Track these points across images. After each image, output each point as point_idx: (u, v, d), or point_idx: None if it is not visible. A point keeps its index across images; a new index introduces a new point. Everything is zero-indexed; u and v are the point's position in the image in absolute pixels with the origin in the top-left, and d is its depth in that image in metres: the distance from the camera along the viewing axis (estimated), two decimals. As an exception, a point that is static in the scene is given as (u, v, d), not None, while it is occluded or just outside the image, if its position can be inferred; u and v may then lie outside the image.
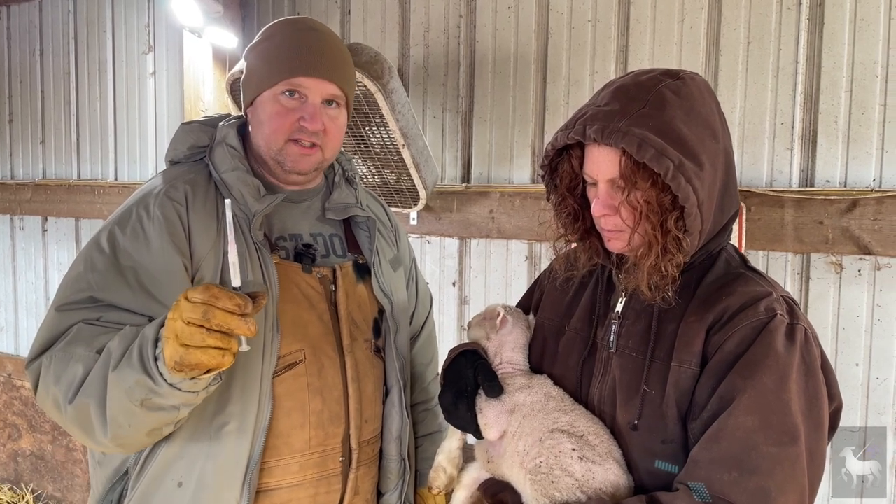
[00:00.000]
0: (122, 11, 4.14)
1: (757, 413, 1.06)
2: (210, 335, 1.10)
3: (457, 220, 3.12)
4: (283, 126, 1.48)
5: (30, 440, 4.67)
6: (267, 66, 1.49)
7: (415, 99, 3.21)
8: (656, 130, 1.10)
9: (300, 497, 1.48)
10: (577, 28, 2.84)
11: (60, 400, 1.27)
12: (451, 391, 1.37)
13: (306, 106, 1.48)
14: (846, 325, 2.39)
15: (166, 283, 1.36)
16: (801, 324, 1.15)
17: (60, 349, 1.30)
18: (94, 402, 1.23)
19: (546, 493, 1.16)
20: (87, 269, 1.37)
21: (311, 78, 1.47)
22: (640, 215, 1.16)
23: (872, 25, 2.32)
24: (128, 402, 1.20)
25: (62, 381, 1.27)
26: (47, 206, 4.48)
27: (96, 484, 1.51)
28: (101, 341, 1.28)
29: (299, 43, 1.49)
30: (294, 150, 1.50)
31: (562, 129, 1.21)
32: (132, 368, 1.18)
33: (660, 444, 1.17)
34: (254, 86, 1.52)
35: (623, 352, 1.25)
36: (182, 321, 1.10)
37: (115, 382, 1.20)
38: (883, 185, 2.32)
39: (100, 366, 1.24)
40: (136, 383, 1.18)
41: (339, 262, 1.60)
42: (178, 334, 1.10)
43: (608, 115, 1.14)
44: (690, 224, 1.12)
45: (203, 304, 1.09)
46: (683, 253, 1.14)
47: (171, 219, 1.41)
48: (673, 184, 1.09)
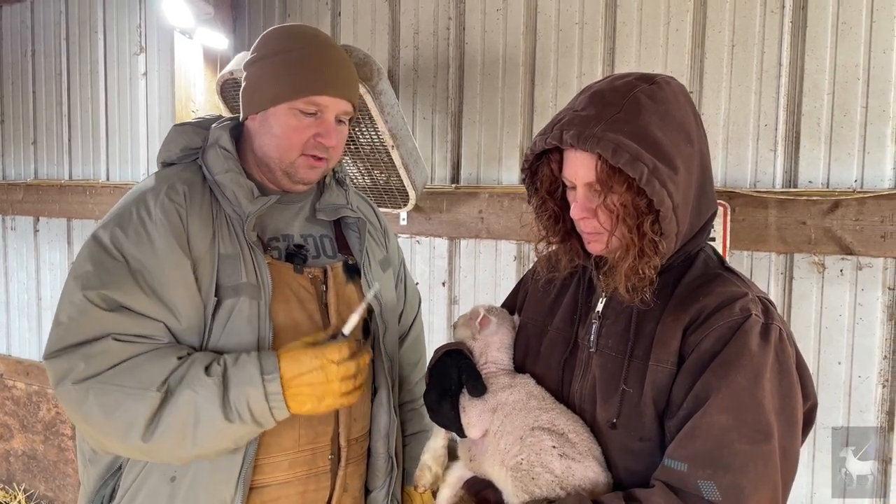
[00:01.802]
0: (113, 12, 4.15)
1: (731, 411, 1.09)
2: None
3: (446, 220, 3.15)
4: (300, 141, 1.51)
5: (22, 440, 4.68)
6: (287, 80, 1.49)
7: (405, 100, 3.23)
8: (631, 135, 1.12)
9: (289, 494, 1.50)
10: (565, 30, 2.87)
11: (120, 433, 1.33)
12: (435, 390, 1.39)
13: (322, 122, 1.52)
14: (829, 324, 2.43)
15: (173, 286, 1.38)
16: (775, 323, 1.17)
17: (99, 380, 1.31)
18: (178, 439, 1.33)
19: (526, 489, 1.19)
20: (97, 268, 1.37)
21: (331, 97, 1.51)
22: (617, 218, 1.18)
23: (854, 28, 2.35)
24: (228, 444, 1.38)
25: (117, 417, 1.31)
26: (39, 207, 4.49)
27: (87, 481, 1.53)
28: (145, 371, 1.32)
29: (321, 61, 1.51)
30: (305, 162, 1.53)
31: (540, 135, 1.23)
32: (244, 423, 1.34)
33: (637, 442, 1.19)
34: (267, 96, 1.51)
35: (603, 351, 1.27)
36: (337, 379, 1.35)
37: (219, 434, 1.34)
38: (864, 186, 2.35)
39: (187, 418, 1.32)
40: (246, 434, 1.38)
41: (329, 263, 1.62)
42: (335, 391, 1.36)
43: (584, 120, 1.16)
44: (666, 227, 1.14)
45: (355, 362, 1.38)
46: (660, 255, 1.16)
47: (173, 220, 1.42)
48: (648, 188, 1.11)
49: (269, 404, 1.33)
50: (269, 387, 1.32)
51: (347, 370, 1.36)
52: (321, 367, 1.33)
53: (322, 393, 1.35)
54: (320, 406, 1.36)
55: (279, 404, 1.33)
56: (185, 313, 1.40)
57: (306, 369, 1.34)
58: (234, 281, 1.44)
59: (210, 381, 1.32)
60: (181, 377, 1.33)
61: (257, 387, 1.32)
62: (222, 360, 1.36)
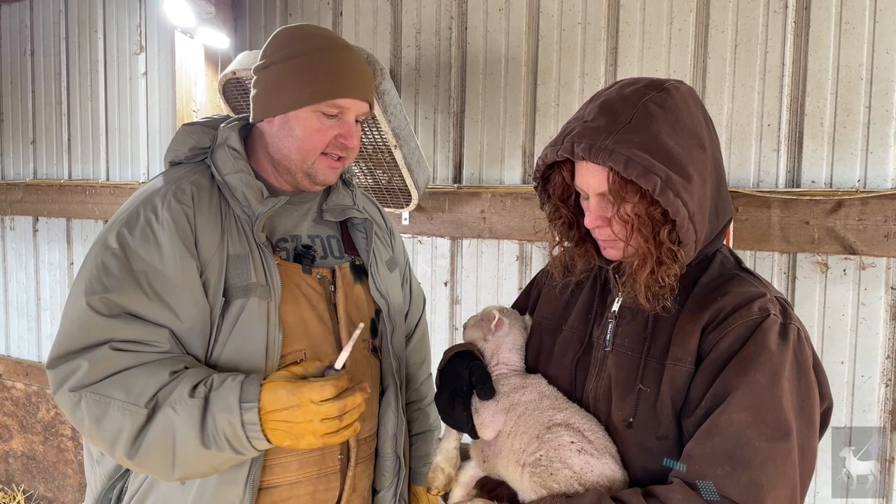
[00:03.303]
0: (113, 12, 4.14)
1: (750, 409, 1.09)
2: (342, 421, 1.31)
3: (448, 220, 3.15)
4: (323, 142, 1.51)
5: (21, 440, 4.67)
6: (308, 83, 1.48)
7: (407, 100, 3.23)
8: (643, 146, 1.12)
9: (300, 494, 1.50)
10: (567, 30, 2.87)
11: (106, 445, 1.33)
12: (446, 392, 1.39)
13: (343, 124, 1.52)
14: (832, 323, 2.43)
15: (179, 288, 1.38)
16: (793, 324, 1.18)
17: (93, 389, 1.31)
18: (160, 458, 1.31)
19: (545, 484, 1.19)
20: (101, 272, 1.37)
21: (353, 99, 1.52)
22: (632, 228, 1.18)
23: (857, 28, 2.36)
24: (208, 469, 1.36)
25: (104, 429, 1.31)
26: (38, 207, 4.48)
27: (94, 482, 1.53)
28: (136, 384, 1.31)
29: (342, 63, 1.51)
30: (325, 163, 1.54)
31: (551, 146, 1.23)
32: (221, 451, 1.30)
33: (655, 441, 1.19)
34: (289, 99, 1.50)
35: (619, 350, 1.28)
36: (316, 419, 1.27)
37: (198, 458, 1.31)
38: (867, 186, 2.36)
39: (166, 437, 1.30)
40: (226, 461, 1.34)
41: (337, 264, 1.62)
42: (314, 431, 1.28)
43: (595, 131, 1.16)
44: (684, 236, 1.14)
45: (340, 403, 1.29)
46: (679, 264, 1.17)
47: (180, 222, 1.41)
48: (662, 199, 1.11)
49: (246, 433, 1.28)
50: (246, 416, 1.27)
51: (329, 411, 1.27)
52: (298, 405, 1.26)
53: (300, 432, 1.28)
54: (300, 444, 1.30)
55: (256, 434, 1.28)
56: (189, 317, 1.39)
57: (281, 406, 1.27)
58: (244, 281, 1.43)
59: (191, 403, 1.29)
60: (168, 394, 1.31)
61: (234, 414, 1.27)
62: (209, 380, 1.32)
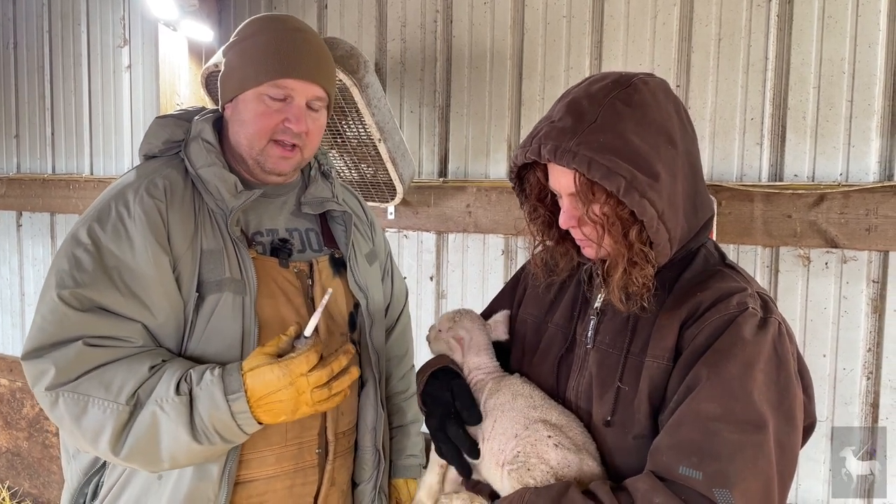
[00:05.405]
0: (96, 4, 4.10)
1: (718, 399, 1.07)
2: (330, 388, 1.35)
3: (434, 214, 3.14)
4: (268, 127, 1.47)
5: (5, 437, 4.63)
6: (252, 65, 1.47)
7: (392, 94, 3.22)
8: (606, 146, 1.10)
9: (277, 489, 1.49)
10: (552, 23, 2.87)
11: (88, 442, 1.33)
12: (434, 417, 1.34)
13: (291, 107, 1.47)
14: (813, 316, 2.44)
15: (151, 284, 1.36)
16: (774, 317, 1.15)
17: (69, 388, 1.30)
18: (148, 453, 1.32)
19: (522, 480, 1.17)
20: (73, 266, 1.35)
21: (298, 80, 1.47)
22: (602, 228, 1.17)
23: (840, 22, 2.36)
24: (200, 460, 1.37)
25: (85, 427, 1.30)
26: (22, 201, 4.44)
27: (71, 477, 1.52)
28: (115, 381, 1.30)
29: (286, 43, 1.47)
30: (275, 151, 1.50)
31: (521, 147, 1.22)
32: (213, 444, 1.31)
33: (630, 440, 1.18)
34: (236, 83, 1.49)
35: (600, 347, 1.26)
36: (308, 390, 1.31)
37: (190, 453, 1.32)
38: (849, 180, 2.37)
39: (153, 434, 1.30)
40: (217, 451, 1.35)
41: (315, 257, 1.60)
42: (307, 401, 1.32)
43: (560, 132, 1.14)
44: (654, 236, 1.13)
45: (327, 368, 1.33)
46: (651, 264, 1.15)
47: (153, 216, 1.39)
48: (627, 199, 1.09)
49: (237, 422, 1.30)
50: (235, 406, 1.29)
51: (319, 379, 1.31)
52: (291, 383, 1.29)
53: (295, 406, 1.31)
54: (295, 415, 1.33)
55: (247, 421, 1.30)
56: (162, 312, 1.38)
57: (274, 388, 1.29)
58: (217, 276, 1.42)
59: (178, 401, 1.29)
60: (150, 390, 1.30)
61: (221, 409, 1.28)
62: (189, 376, 1.32)
